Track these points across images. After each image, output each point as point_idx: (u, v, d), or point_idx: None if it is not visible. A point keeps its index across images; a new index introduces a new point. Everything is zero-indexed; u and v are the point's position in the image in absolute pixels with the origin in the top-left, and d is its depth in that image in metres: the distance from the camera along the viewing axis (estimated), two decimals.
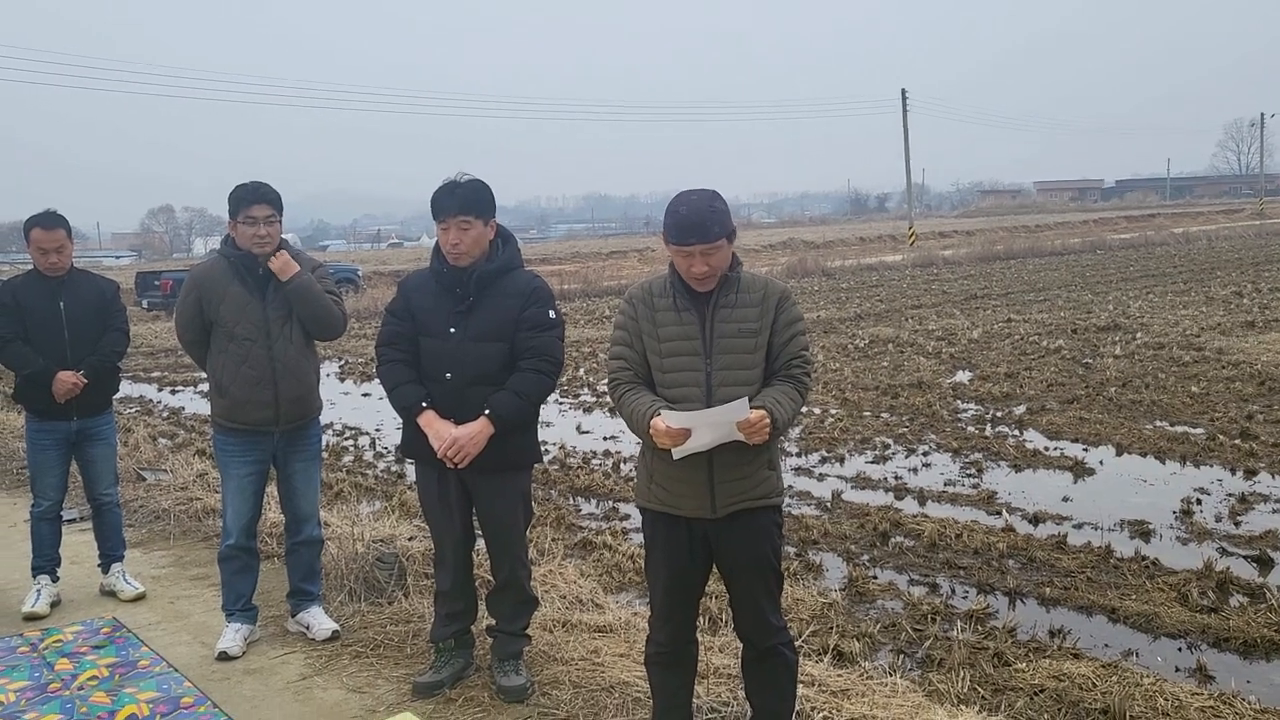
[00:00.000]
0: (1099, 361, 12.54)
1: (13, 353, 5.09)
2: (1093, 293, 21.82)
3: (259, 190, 4.50)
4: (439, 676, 4.09)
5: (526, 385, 3.91)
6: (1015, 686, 4.26)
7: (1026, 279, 26.54)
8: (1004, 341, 14.78)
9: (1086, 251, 38.22)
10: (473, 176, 3.98)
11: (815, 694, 3.73)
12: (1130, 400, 10.17)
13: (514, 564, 4.09)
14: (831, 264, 34.81)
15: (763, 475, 3.23)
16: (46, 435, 5.22)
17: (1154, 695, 4.05)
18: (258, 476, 4.63)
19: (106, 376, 5.28)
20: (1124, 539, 6.29)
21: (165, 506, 6.95)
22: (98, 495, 5.41)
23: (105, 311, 5.28)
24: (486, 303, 3.96)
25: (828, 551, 6.25)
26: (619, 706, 3.82)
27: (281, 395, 4.51)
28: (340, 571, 5.13)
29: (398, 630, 4.68)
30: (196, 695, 4.16)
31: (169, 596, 5.42)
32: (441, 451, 3.86)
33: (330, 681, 4.26)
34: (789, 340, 3.23)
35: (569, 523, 6.97)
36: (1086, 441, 8.76)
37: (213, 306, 4.51)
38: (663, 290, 3.27)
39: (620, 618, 4.67)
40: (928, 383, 11.71)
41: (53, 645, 4.76)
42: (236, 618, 4.67)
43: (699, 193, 3.17)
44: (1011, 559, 5.94)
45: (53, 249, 5.07)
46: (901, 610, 5.25)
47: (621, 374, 3.29)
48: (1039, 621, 5.07)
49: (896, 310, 20.22)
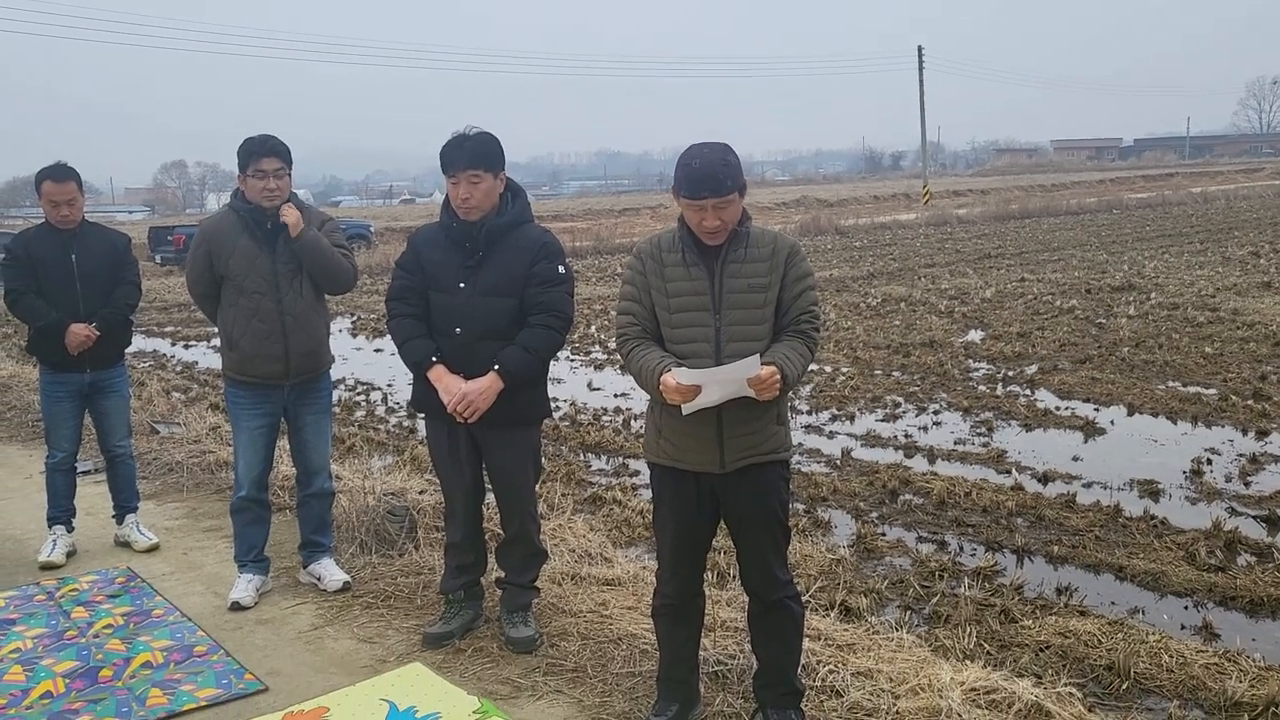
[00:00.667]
0: (1112, 322, 12.48)
1: (26, 305, 5.11)
2: (1108, 253, 21.66)
3: (268, 143, 4.48)
4: (449, 627, 4.14)
5: (536, 340, 3.91)
6: (1021, 643, 4.28)
7: (1041, 238, 26.36)
8: (1017, 301, 14.71)
9: (1102, 211, 37.92)
10: (481, 129, 3.95)
11: (821, 648, 3.76)
12: (1143, 360, 10.13)
13: (523, 518, 4.11)
14: (845, 222, 34.64)
15: (771, 430, 3.23)
16: (60, 387, 5.25)
17: (1159, 652, 4.07)
18: (269, 429, 4.65)
19: (119, 329, 5.30)
20: (1133, 498, 6.29)
21: (178, 459, 7.00)
22: (111, 447, 5.45)
23: (117, 264, 5.29)
24: (496, 258, 3.94)
25: (837, 509, 6.27)
26: (626, 658, 3.86)
27: (291, 349, 4.52)
28: (351, 524, 5.17)
29: (408, 582, 4.72)
30: (209, 644, 4.22)
31: (182, 547, 5.48)
32: (451, 406, 3.87)
33: (341, 632, 4.31)
34: (798, 295, 3.21)
35: (579, 478, 7.00)
36: (1098, 401, 8.74)
37: (222, 260, 4.51)
38: (671, 245, 3.25)
39: (629, 571, 4.71)
40: (939, 342, 11.68)
41: (69, 594, 4.83)
42: (249, 568, 4.72)
43: (711, 146, 3.15)
44: (1020, 517, 5.95)
45: (64, 201, 5.07)
46: (909, 567, 5.27)
47: (630, 329, 3.28)
48: (1046, 579, 5.09)
49: (909, 269, 20.13)
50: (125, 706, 3.72)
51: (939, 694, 3.30)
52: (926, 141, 53.07)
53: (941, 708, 3.23)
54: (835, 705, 3.42)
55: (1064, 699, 3.34)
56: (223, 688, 3.84)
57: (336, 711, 3.60)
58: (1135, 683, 3.92)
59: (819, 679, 3.55)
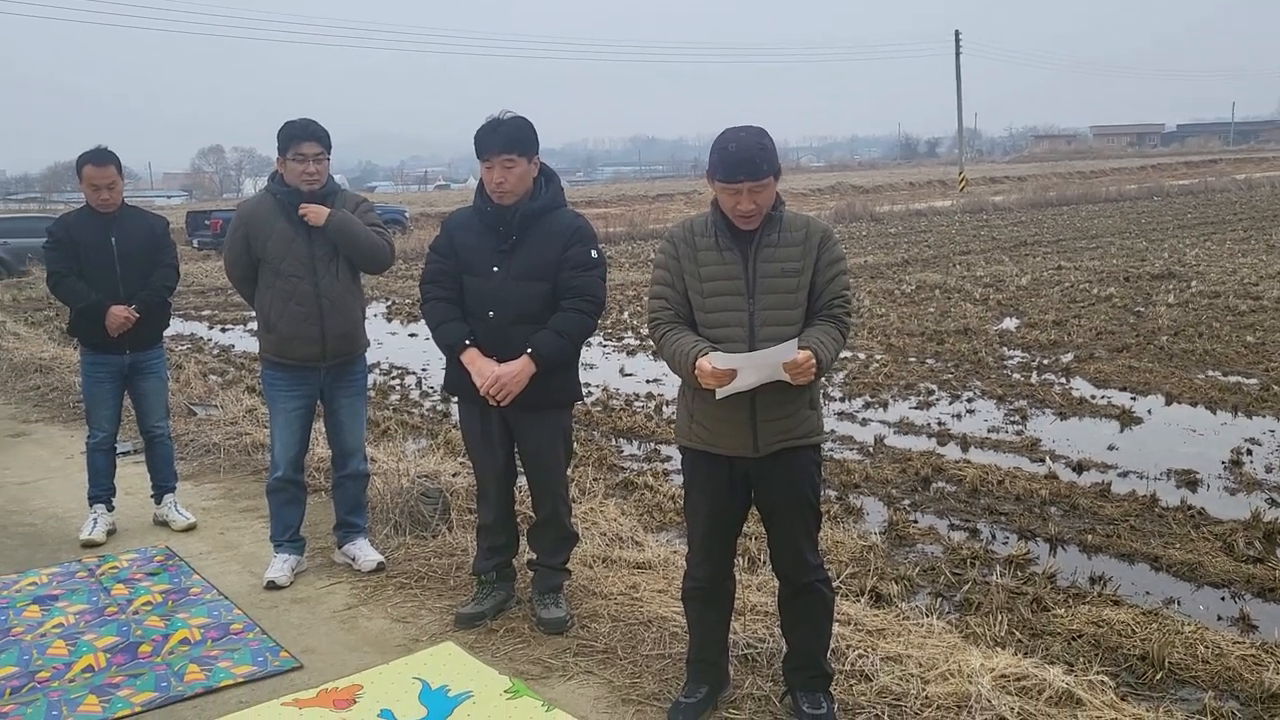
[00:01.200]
0: (1151, 310, 12.33)
1: (67, 287, 5.19)
2: (1147, 240, 21.39)
3: (308, 128, 4.52)
4: (481, 608, 4.18)
5: (568, 325, 3.93)
6: (1053, 631, 4.26)
7: (1079, 226, 26.06)
8: (1053, 289, 14.56)
9: (1143, 198, 37.41)
10: (516, 114, 3.96)
11: (851, 632, 3.76)
12: (1182, 349, 10.00)
13: (554, 500, 4.14)
14: (880, 209, 34.41)
15: (805, 414, 3.22)
16: (101, 368, 5.33)
17: (1194, 643, 4.03)
18: (305, 411, 4.71)
19: (157, 311, 5.37)
20: (1170, 488, 6.23)
21: (215, 441, 7.09)
22: (150, 428, 5.53)
23: (156, 247, 5.36)
24: (529, 242, 3.96)
25: (869, 495, 6.25)
26: (656, 640, 3.88)
27: (328, 331, 4.57)
28: (386, 505, 5.22)
29: (441, 563, 4.77)
30: (246, 622, 4.28)
31: (219, 527, 5.56)
32: (484, 389, 3.90)
33: (375, 611, 4.36)
34: (831, 280, 3.20)
35: (611, 463, 7.03)
36: (1135, 390, 8.65)
37: (259, 243, 4.55)
38: (704, 229, 3.24)
39: (659, 555, 4.72)
40: (974, 329, 11.59)
41: (109, 571, 4.92)
42: (284, 548, 4.78)
43: (747, 129, 3.14)
44: (1054, 506, 5.91)
45: (104, 185, 5.14)
46: (941, 554, 5.25)
47: (663, 314, 3.28)
48: (1080, 568, 5.05)
49: (944, 256, 19.98)
50: (164, 681, 3.79)
51: (968, 679, 3.29)
52: (963, 128, 52.50)
53: (971, 693, 3.22)
54: (864, 689, 3.42)
55: (1095, 687, 3.32)
56: (258, 665, 3.90)
57: (370, 689, 3.64)
58: (1170, 673, 3.89)
59: (848, 663, 3.55)
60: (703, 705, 3.36)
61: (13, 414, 8.67)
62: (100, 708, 3.61)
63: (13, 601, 4.57)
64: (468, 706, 3.49)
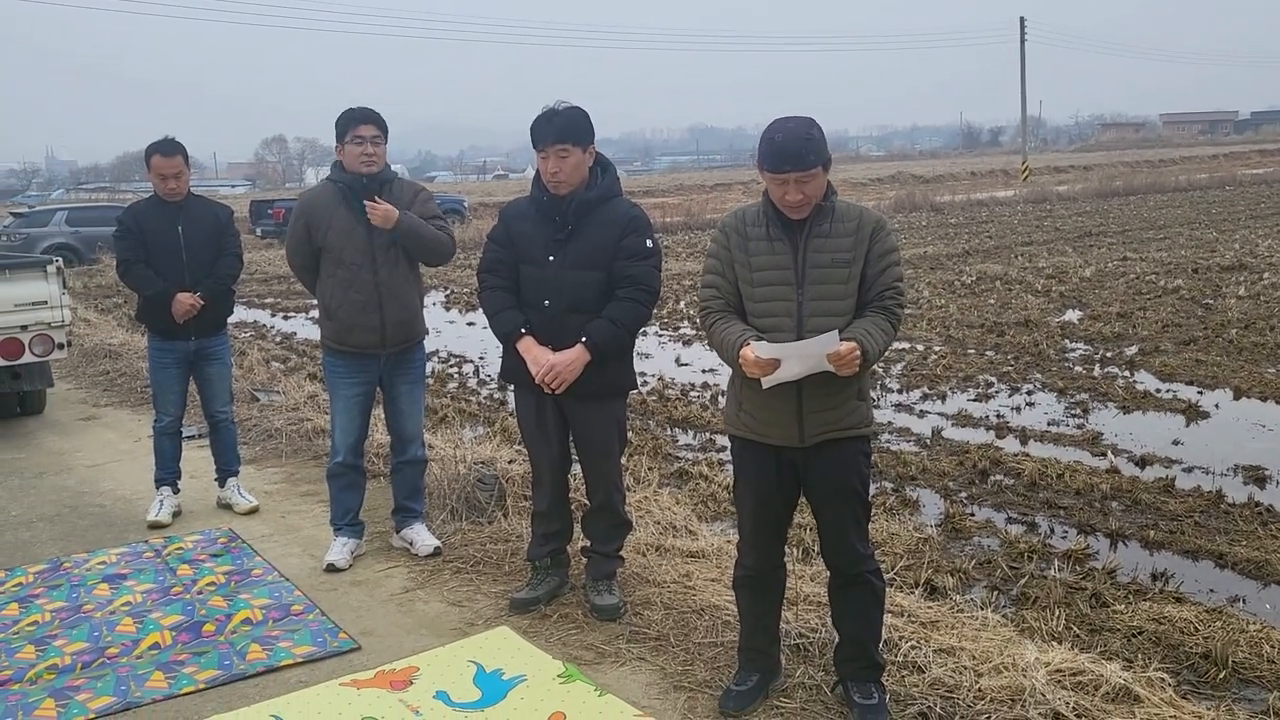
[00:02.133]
0: (1220, 302, 12.03)
1: (136, 274, 5.33)
2: (1218, 231, 20.85)
3: (365, 111, 4.61)
4: (535, 593, 4.22)
5: (623, 314, 3.94)
6: (1112, 627, 4.19)
7: (1146, 216, 25.50)
8: (1118, 280, 14.28)
9: (1214, 187, 36.46)
10: (571, 104, 3.98)
11: (904, 624, 3.74)
12: (1252, 343, 9.75)
13: (608, 488, 4.16)
14: (940, 199, 33.96)
15: (852, 406, 3.21)
16: (167, 354, 5.47)
17: (1260, 641, 3.95)
18: (364, 397, 4.78)
19: (222, 298, 5.49)
20: (1237, 484, 6.09)
21: (278, 426, 7.23)
22: (214, 412, 5.66)
23: (220, 236, 5.48)
24: (585, 231, 3.98)
25: (925, 488, 6.19)
26: (708, 628, 3.89)
27: (387, 319, 4.63)
28: (443, 491, 5.29)
29: (497, 548, 4.82)
30: (306, 603, 4.37)
31: (280, 511, 5.67)
32: (539, 377, 3.93)
33: (431, 595, 4.43)
34: (883, 271, 3.18)
35: (666, 453, 7.04)
36: (1202, 384, 8.46)
37: (320, 232, 4.63)
38: (756, 219, 3.24)
39: (713, 544, 4.73)
40: (1035, 321, 11.41)
41: (174, 552, 5.04)
42: (344, 532, 4.86)
43: (795, 120, 3.12)
44: (1115, 500, 5.81)
45: (171, 175, 5.26)
46: (998, 548, 5.20)
47: (713, 303, 3.29)
48: (1141, 564, 4.97)
49: (1006, 247, 19.67)
50: (227, 660, 3.88)
51: (1022, 673, 3.25)
52: (1027, 116, 51.63)
53: (1025, 687, 3.19)
54: (916, 680, 3.40)
55: (1154, 684, 3.27)
56: (318, 645, 3.98)
57: (426, 671, 3.70)
58: (1233, 672, 3.81)
59: (901, 654, 3.53)
60: (754, 693, 3.37)
61: (83, 398, 8.92)
62: (166, 684, 3.71)
63: (83, 579, 4.72)
64: (521, 690, 3.54)
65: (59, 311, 7.34)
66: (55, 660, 3.91)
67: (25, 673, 3.82)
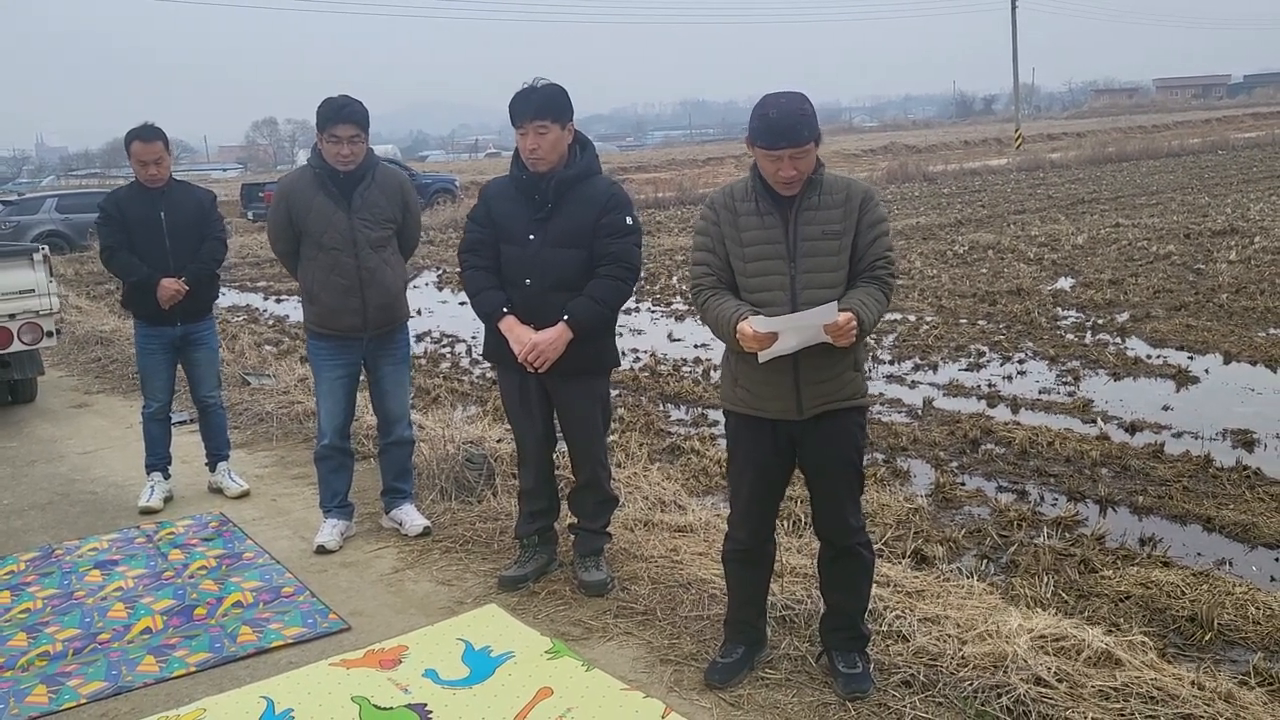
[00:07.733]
0: (1212, 267, 12.03)
1: (119, 261, 5.31)
2: (1210, 195, 20.83)
3: (343, 110, 4.50)
4: (523, 571, 4.24)
5: (604, 291, 3.94)
6: (1100, 593, 4.21)
7: (1138, 182, 25.45)
8: (1110, 247, 14.27)
9: (1206, 152, 36.36)
10: (549, 80, 3.95)
11: (890, 594, 3.75)
12: (1243, 307, 9.76)
13: (594, 464, 4.17)
14: (933, 169, 33.83)
15: (848, 377, 3.21)
16: (153, 340, 5.46)
17: (1245, 604, 3.98)
18: (349, 379, 4.78)
19: (206, 283, 5.48)
20: (1225, 448, 6.11)
21: (268, 409, 7.23)
22: (202, 398, 5.66)
23: (203, 221, 5.46)
24: (565, 209, 3.96)
25: (916, 458, 6.21)
26: (695, 602, 3.91)
27: (369, 302, 4.63)
28: (432, 471, 5.30)
29: (485, 527, 4.84)
30: (296, 585, 4.39)
31: (271, 494, 5.68)
32: (521, 356, 3.93)
33: (421, 575, 4.44)
34: (873, 241, 3.17)
35: (658, 428, 7.05)
36: (1192, 349, 8.47)
37: (301, 217, 4.61)
38: (745, 194, 3.23)
39: (701, 518, 4.74)
40: (1027, 289, 11.41)
41: (166, 537, 5.06)
42: (333, 514, 4.88)
43: (788, 95, 3.11)
44: (1105, 467, 5.83)
45: (151, 161, 5.24)
46: (988, 516, 5.21)
47: (704, 279, 3.28)
48: (1130, 530, 4.99)
49: (998, 216, 19.64)
50: (218, 643, 3.90)
51: (1006, 640, 3.27)
52: (1019, 84, 51.35)
53: (1007, 653, 3.21)
54: (901, 649, 3.42)
55: (1136, 647, 3.29)
56: (308, 627, 3.99)
57: (415, 650, 3.72)
58: (1219, 634, 3.84)
59: (885, 624, 3.56)
60: (739, 665, 3.39)
61: (75, 385, 8.92)
62: (158, 667, 3.73)
63: (75, 566, 4.73)
64: (509, 666, 3.55)
65: (47, 299, 7.32)
66: (47, 647, 3.93)
67: (17, 659, 3.84)
